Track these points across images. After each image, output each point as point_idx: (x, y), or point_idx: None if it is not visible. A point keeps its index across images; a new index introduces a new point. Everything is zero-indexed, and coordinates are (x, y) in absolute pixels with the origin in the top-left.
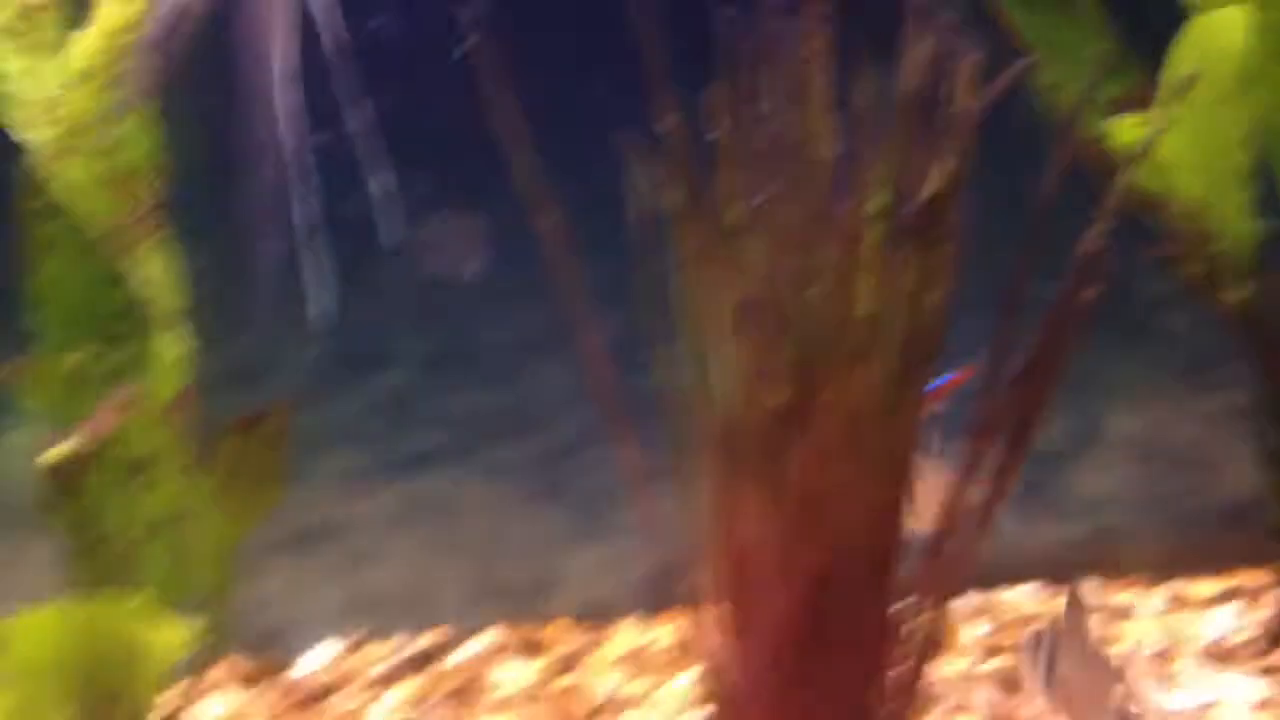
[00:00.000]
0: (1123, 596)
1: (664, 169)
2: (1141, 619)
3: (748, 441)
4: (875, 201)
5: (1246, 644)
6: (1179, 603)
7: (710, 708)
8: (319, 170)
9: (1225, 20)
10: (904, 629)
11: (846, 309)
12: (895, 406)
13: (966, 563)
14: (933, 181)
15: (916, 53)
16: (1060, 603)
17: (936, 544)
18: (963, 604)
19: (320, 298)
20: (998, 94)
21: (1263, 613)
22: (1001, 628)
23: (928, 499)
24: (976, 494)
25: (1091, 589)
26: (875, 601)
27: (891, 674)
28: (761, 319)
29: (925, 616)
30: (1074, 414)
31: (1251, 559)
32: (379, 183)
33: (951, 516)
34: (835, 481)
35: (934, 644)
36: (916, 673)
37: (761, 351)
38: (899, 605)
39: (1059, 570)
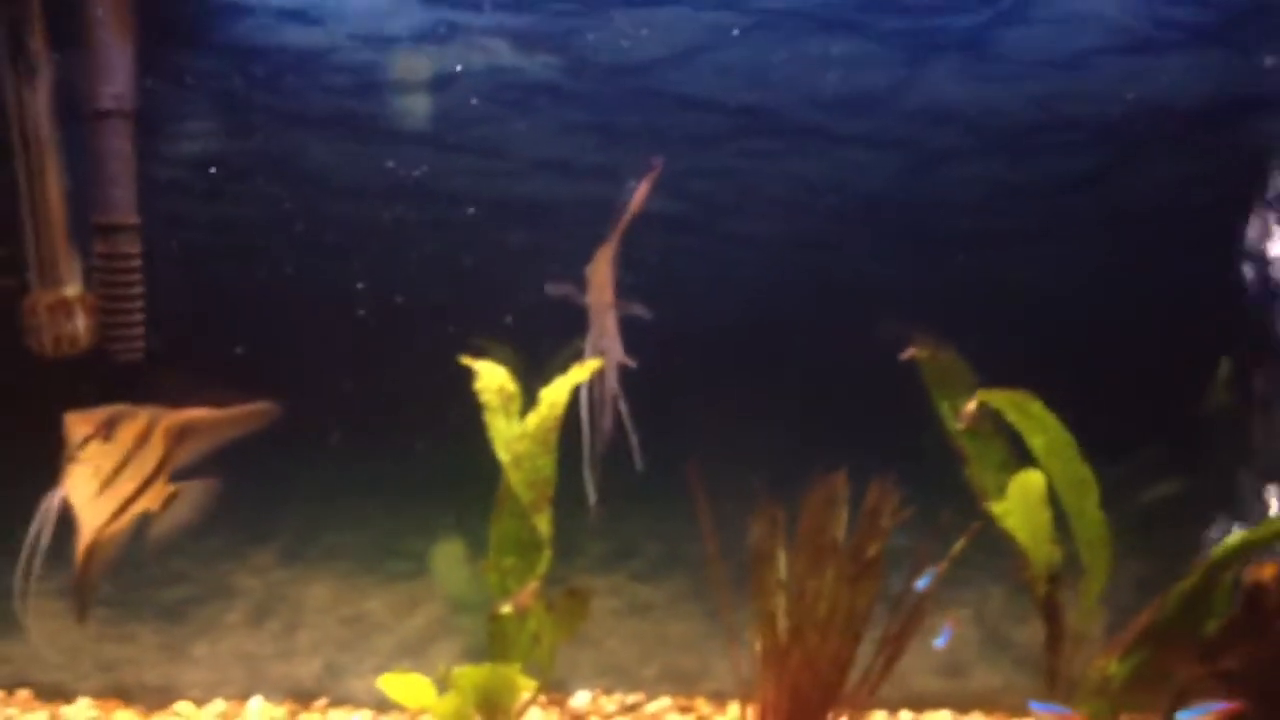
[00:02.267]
0: None
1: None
2: None
3: (775, 626)
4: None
5: None
6: None
7: None
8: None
9: (1030, 478)
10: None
11: (818, 604)
12: (840, 634)
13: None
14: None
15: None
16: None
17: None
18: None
19: (597, 502)
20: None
21: None
22: None
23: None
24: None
25: None
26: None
27: None
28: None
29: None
30: None
31: None
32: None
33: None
34: (816, 640)
35: None
36: None
37: (789, 602)
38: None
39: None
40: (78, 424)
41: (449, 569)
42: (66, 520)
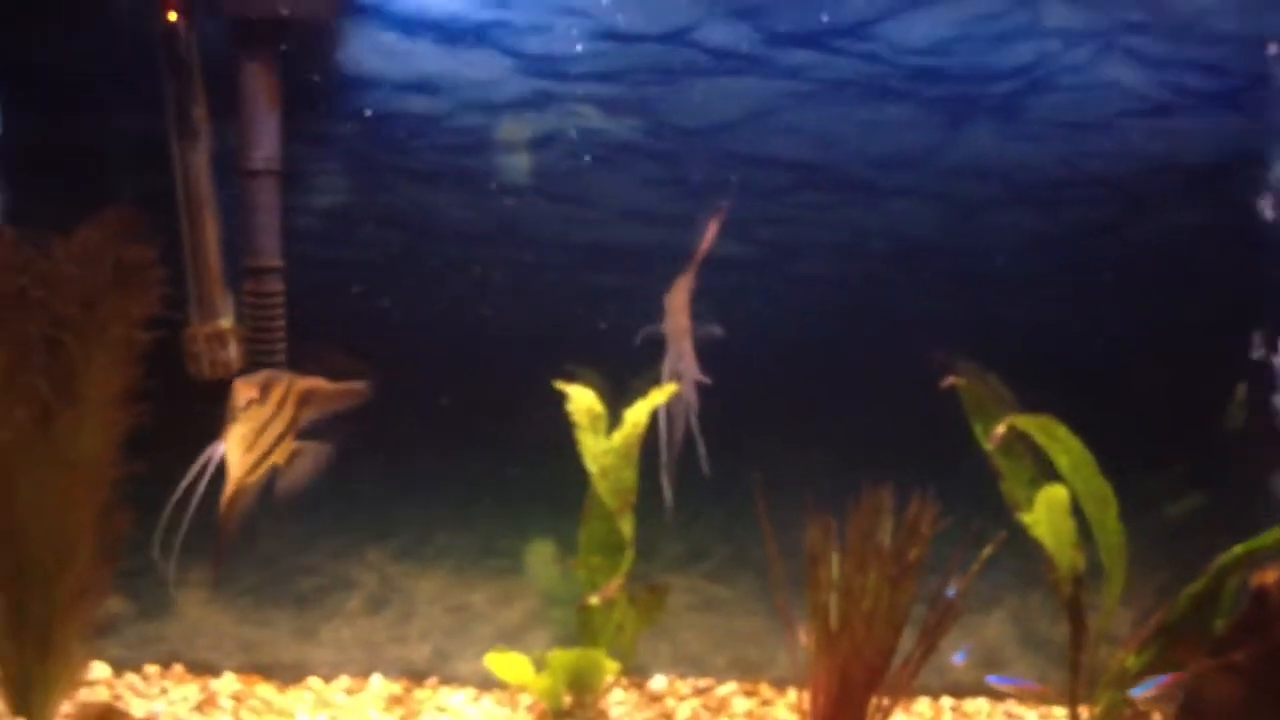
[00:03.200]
0: None
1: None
2: None
3: (827, 619)
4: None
5: None
6: None
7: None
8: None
9: (1055, 492)
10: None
11: (864, 600)
12: (885, 618)
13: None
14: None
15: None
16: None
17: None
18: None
19: (672, 506)
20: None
21: None
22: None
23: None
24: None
25: None
26: (875, 682)
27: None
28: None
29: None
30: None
31: None
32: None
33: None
34: (863, 631)
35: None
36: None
37: (839, 598)
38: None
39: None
40: (244, 388)
41: (541, 567)
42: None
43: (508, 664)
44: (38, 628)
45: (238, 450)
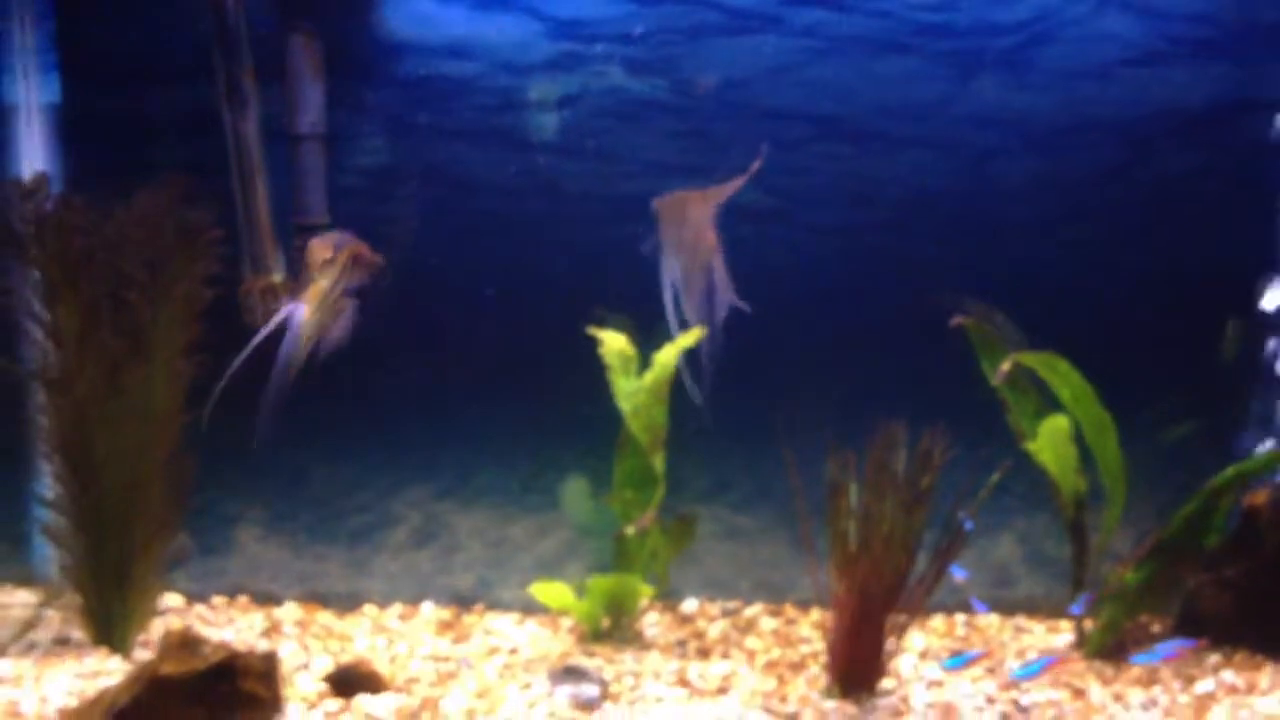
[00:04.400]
0: None
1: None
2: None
3: (847, 543)
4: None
5: None
6: None
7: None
8: None
9: (1058, 421)
10: (900, 618)
11: (881, 525)
12: (900, 542)
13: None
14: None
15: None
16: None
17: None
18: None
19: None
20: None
21: None
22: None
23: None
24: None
25: None
26: (892, 600)
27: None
28: (861, 520)
29: (906, 613)
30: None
31: None
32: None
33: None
34: (881, 553)
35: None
36: (904, 631)
37: (857, 524)
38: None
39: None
40: (321, 248)
41: (576, 502)
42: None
43: (551, 591)
44: (115, 565)
45: (312, 307)
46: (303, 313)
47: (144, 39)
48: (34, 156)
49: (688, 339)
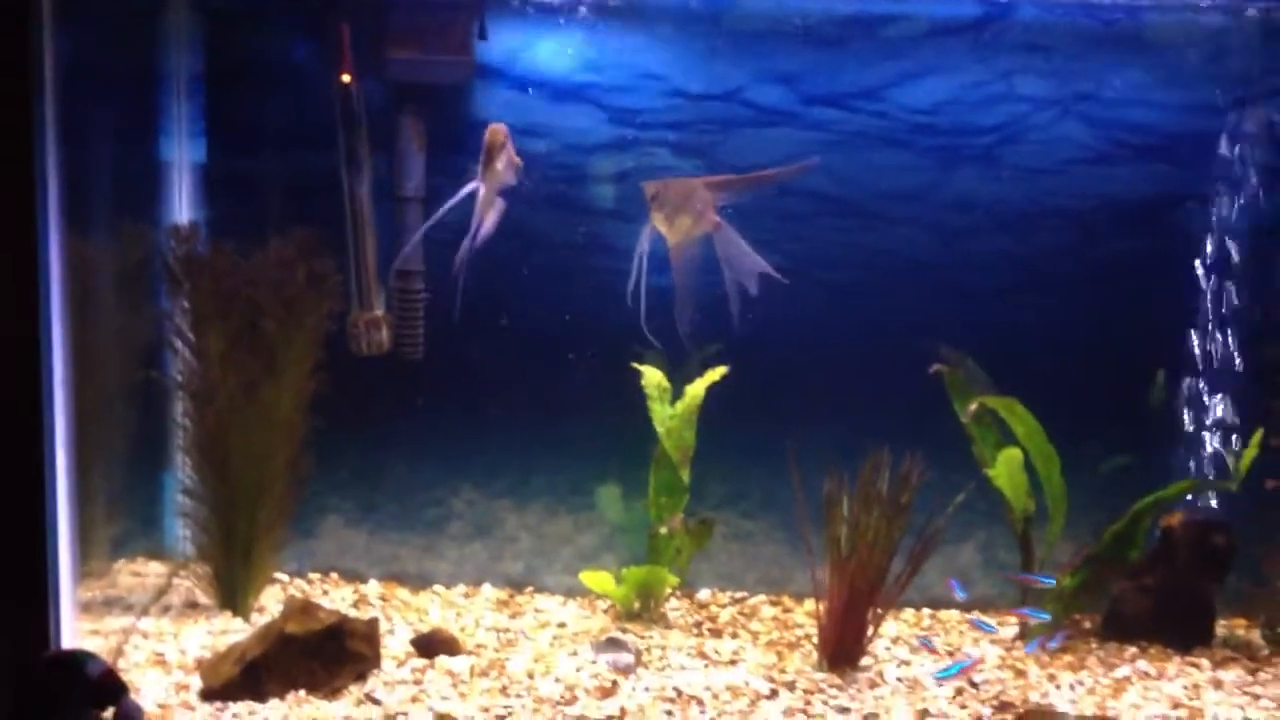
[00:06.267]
0: None
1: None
2: None
3: (839, 547)
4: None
5: None
6: None
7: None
8: None
9: (1013, 453)
10: (878, 609)
11: (867, 533)
12: (883, 547)
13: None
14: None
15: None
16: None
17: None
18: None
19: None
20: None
21: None
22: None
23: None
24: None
25: None
26: (874, 594)
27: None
28: (851, 528)
29: (883, 605)
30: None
31: None
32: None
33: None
34: (866, 555)
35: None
36: (881, 620)
37: (848, 533)
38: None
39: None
40: (496, 132)
41: (612, 505)
42: None
43: (595, 578)
44: (242, 543)
45: (491, 183)
46: (482, 190)
47: (278, 113)
48: (185, 207)
49: (715, 375)
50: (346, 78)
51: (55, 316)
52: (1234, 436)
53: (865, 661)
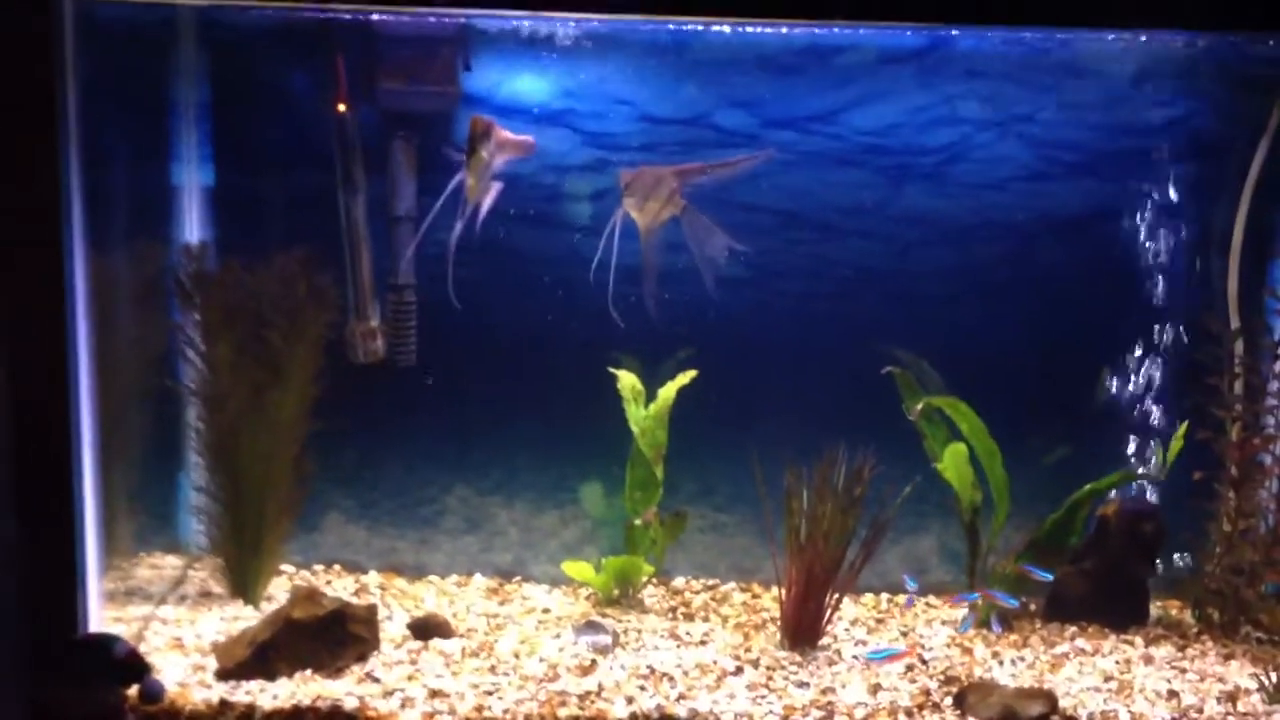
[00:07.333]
0: None
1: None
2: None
3: (798, 536)
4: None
5: None
6: None
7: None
8: None
9: (959, 448)
10: (835, 593)
11: (824, 523)
12: (837, 536)
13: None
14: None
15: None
16: None
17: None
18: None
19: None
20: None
21: None
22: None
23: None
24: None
25: None
26: (830, 580)
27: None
28: (808, 519)
29: (840, 590)
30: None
31: None
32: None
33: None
34: (822, 544)
35: (843, 595)
36: (839, 603)
37: (805, 522)
38: (835, 584)
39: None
40: (479, 123)
41: (593, 500)
42: None
43: (577, 568)
44: (252, 536)
45: (475, 172)
46: (467, 180)
47: (279, 139)
48: (195, 227)
49: (684, 378)
50: (342, 106)
51: (80, 329)
52: (1162, 432)
53: (824, 641)
